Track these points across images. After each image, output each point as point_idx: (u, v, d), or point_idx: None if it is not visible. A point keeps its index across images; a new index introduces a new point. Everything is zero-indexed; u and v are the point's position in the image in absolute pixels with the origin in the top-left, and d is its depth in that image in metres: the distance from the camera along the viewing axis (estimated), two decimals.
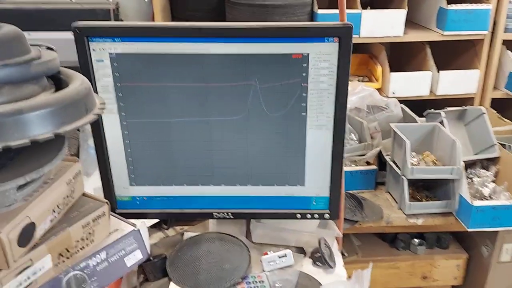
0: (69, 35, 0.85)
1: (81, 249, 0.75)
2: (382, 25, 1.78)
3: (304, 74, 0.87)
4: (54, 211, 0.71)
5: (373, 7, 1.89)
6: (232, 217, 0.99)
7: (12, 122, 0.52)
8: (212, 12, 1.87)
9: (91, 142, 1.22)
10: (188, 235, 1.06)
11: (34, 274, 0.67)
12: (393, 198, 1.55)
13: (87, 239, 0.76)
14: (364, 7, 1.79)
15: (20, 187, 0.62)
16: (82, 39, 0.83)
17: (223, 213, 0.99)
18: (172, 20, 1.91)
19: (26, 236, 0.64)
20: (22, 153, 0.61)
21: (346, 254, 1.61)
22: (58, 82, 0.68)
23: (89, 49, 0.84)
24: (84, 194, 0.81)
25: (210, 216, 1.01)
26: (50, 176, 0.72)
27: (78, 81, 0.63)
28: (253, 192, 0.97)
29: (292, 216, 0.99)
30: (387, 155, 1.58)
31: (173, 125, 0.90)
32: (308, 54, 0.85)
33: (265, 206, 0.99)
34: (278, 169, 0.95)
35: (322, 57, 0.85)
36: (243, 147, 0.93)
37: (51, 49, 0.70)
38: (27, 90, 0.59)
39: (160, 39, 0.84)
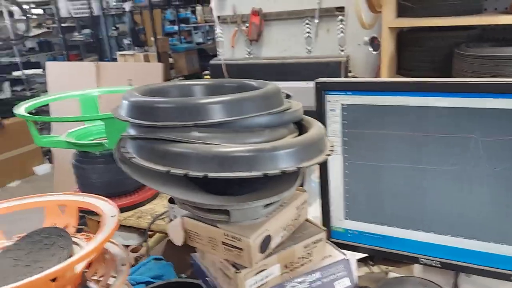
0: (304, 84, 1.03)
1: (301, 265, 0.89)
2: None
3: None
4: (284, 229, 0.87)
5: None
6: (440, 266, 1.01)
7: (269, 156, 0.70)
8: (438, 63, 1.89)
9: (313, 176, 1.40)
10: (392, 274, 1.11)
11: (266, 277, 0.83)
12: None
13: (306, 258, 0.89)
14: None
15: (266, 206, 0.80)
16: (320, 92, 1.00)
17: (430, 260, 1.01)
18: (398, 71, 2.00)
19: (264, 245, 0.81)
20: (270, 180, 0.80)
21: None
22: (300, 126, 0.85)
23: (325, 100, 1.00)
24: (307, 220, 0.97)
25: (416, 260, 1.04)
26: (285, 201, 0.90)
27: (316, 127, 0.80)
28: (465, 245, 0.97)
29: (506, 277, 0.95)
30: None
31: (388, 169, 0.99)
32: None
33: (476, 262, 0.96)
34: (495, 225, 0.93)
35: None
36: (457, 198, 0.94)
37: (289, 95, 0.89)
38: (280, 133, 0.78)
39: (384, 93, 0.95)
